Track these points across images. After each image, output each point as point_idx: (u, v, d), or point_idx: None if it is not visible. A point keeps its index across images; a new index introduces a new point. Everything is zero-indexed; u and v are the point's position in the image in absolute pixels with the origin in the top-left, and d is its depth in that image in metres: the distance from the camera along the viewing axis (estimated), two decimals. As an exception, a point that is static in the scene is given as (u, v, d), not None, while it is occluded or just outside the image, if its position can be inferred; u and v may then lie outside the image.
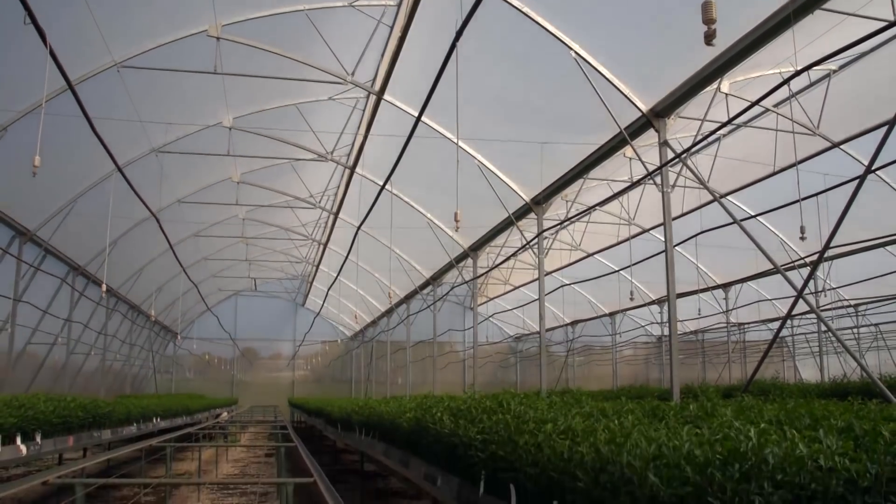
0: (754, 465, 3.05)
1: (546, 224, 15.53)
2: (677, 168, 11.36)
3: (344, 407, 15.77)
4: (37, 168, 8.08)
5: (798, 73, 8.15)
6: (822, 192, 13.02)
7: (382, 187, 15.11)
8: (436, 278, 25.18)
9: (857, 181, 7.58)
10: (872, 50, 10.85)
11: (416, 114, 11.25)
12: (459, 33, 8.77)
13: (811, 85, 11.88)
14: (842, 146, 12.87)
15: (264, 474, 17.06)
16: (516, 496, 4.60)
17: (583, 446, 3.93)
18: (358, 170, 17.40)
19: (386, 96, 13.59)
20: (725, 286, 22.77)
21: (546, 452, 4.25)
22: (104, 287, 15.24)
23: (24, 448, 9.96)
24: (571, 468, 3.89)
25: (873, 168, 7.55)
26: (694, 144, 10.03)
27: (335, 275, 24.61)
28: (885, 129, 7.08)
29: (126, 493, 13.58)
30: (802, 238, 12.29)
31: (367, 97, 14.57)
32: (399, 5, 11.69)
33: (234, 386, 42.53)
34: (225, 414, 31.29)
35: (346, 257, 20.92)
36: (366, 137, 15.39)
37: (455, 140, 11.83)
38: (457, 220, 10.11)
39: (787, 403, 5.66)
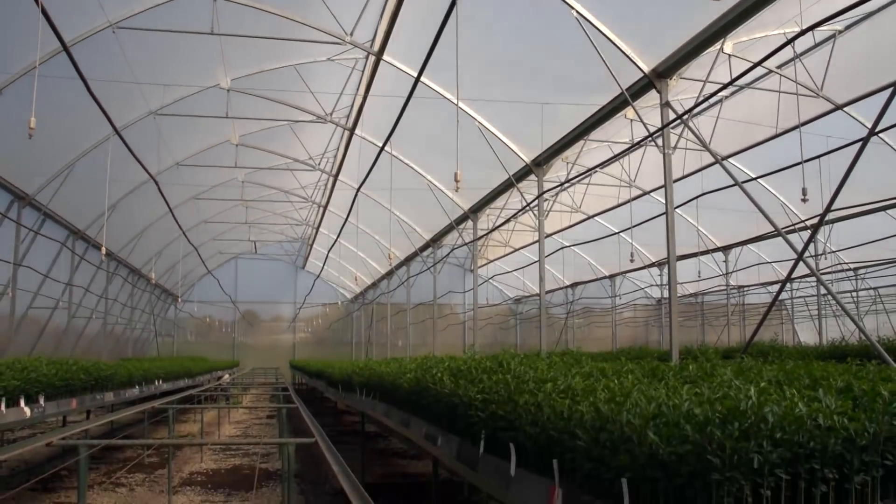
0: (754, 424, 3.07)
1: (546, 186, 15.47)
2: (679, 130, 11.27)
3: (345, 368, 15.86)
4: (32, 130, 8.01)
5: (802, 34, 8.05)
6: (825, 155, 12.93)
7: (382, 148, 15.00)
8: (436, 240, 25.18)
9: (859, 144, 7.52)
10: (879, 10, 10.70)
11: (416, 74, 11.12)
12: (459, -8, 8.63)
13: (815, 46, 11.74)
14: (845, 108, 12.76)
15: (266, 435, 17.25)
16: (516, 455, 4.64)
17: (583, 405, 3.95)
18: (357, 131, 17.27)
19: (385, 56, 13.42)
20: (725, 249, 22.77)
21: (546, 412, 4.27)
22: (104, 251, 15.22)
23: (27, 410, 10.03)
24: (571, 427, 3.91)
25: (876, 130, 7.48)
26: (696, 106, 9.93)
27: (335, 237, 24.60)
28: (889, 91, 7.01)
29: (129, 455, 13.76)
30: (804, 200, 12.24)
31: (367, 58, 14.41)
32: (398, -37, 11.49)
33: (236, 348, 42.80)
34: (227, 376, 31.50)
35: (346, 219, 20.86)
36: (365, 98, 15.25)
37: (455, 101, 11.72)
38: (457, 181, 10.04)
39: (787, 364, 5.69)
